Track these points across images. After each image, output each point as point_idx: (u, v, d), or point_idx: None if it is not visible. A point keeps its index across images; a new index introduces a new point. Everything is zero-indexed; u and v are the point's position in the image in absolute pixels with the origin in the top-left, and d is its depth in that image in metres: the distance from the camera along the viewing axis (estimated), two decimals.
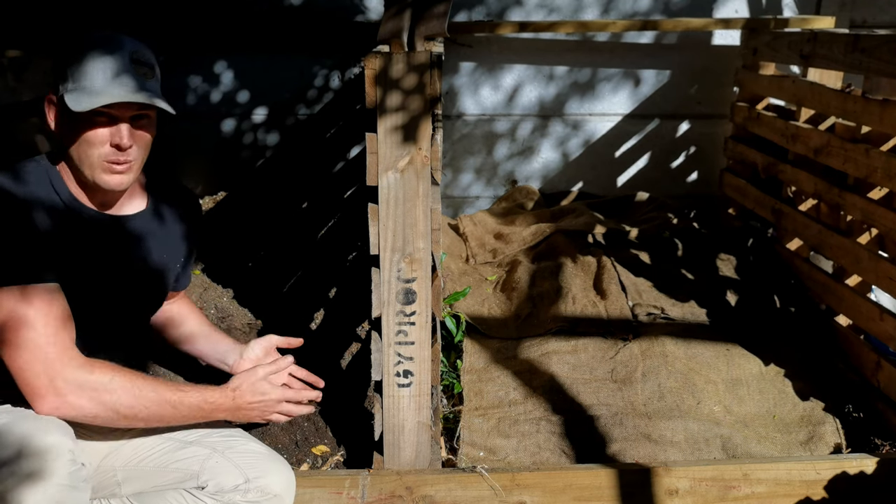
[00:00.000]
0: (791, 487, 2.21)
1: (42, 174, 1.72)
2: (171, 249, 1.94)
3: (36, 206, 1.66)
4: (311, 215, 3.48)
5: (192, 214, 2.02)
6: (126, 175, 1.71)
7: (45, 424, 1.57)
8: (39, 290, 1.59)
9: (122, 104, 1.65)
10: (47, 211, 1.68)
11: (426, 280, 2.03)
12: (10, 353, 1.57)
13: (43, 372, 1.56)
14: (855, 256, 2.61)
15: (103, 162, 1.67)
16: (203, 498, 1.77)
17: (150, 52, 1.74)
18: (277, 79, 3.53)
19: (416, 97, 1.90)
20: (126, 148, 1.67)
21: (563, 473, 2.20)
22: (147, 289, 1.91)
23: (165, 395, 1.68)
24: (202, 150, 3.60)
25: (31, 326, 1.55)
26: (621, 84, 3.65)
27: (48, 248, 1.64)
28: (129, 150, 1.69)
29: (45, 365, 1.56)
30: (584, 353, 2.65)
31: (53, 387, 1.56)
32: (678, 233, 3.30)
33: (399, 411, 2.15)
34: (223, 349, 2.13)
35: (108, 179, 1.69)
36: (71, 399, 1.58)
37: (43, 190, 1.70)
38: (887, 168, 2.40)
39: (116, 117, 1.66)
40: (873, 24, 3.57)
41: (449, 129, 3.65)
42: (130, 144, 1.68)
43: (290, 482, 1.86)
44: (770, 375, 2.61)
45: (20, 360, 1.56)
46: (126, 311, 1.86)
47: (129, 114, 1.68)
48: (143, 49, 1.72)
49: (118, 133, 1.66)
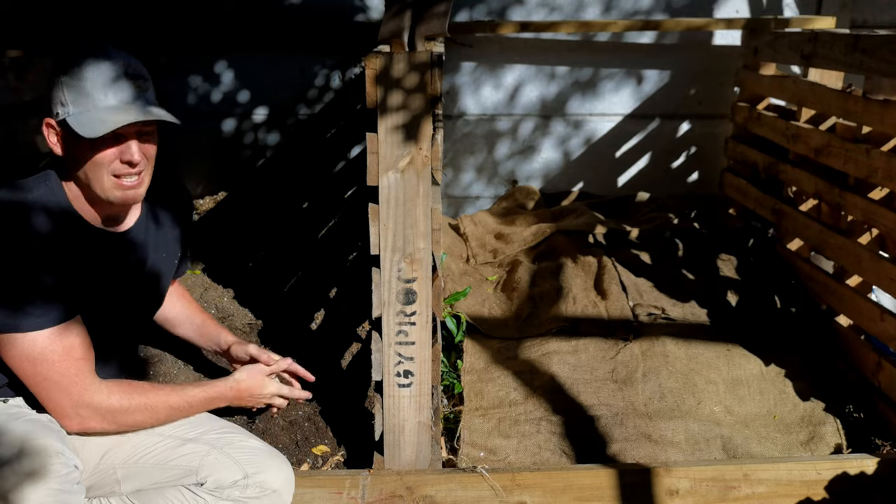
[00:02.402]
0: (791, 488, 2.21)
1: (49, 195, 1.71)
2: (167, 249, 1.97)
3: (45, 237, 1.66)
4: (311, 215, 3.48)
5: (183, 207, 2.05)
6: (138, 189, 1.74)
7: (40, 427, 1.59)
8: (59, 330, 1.66)
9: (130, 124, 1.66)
10: (55, 238, 1.68)
11: (426, 280, 2.03)
12: (38, 390, 1.70)
13: (68, 404, 1.70)
14: (856, 257, 2.61)
15: (114, 179, 1.69)
16: (202, 494, 1.78)
17: (141, 64, 1.74)
18: (278, 79, 3.53)
19: (416, 97, 1.90)
20: (136, 163, 1.70)
21: (563, 474, 2.20)
22: (149, 295, 1.94)
23: (175, 402, 1.84)
24: (202, 150, 3.60)
25: (53, 366, 1.66)
26: (622, 84, 3.64)
27: (60, 283, 1.66)
28: (139, 164, 1.71)
29: (69, 398, 1.70)
30: (585, 354, 2.65)
31: (78, 415, 1.71)
32: (679, 233, 3.30)
33: (399, 411, 2.15)
34: (212, 332, 2.22)
35: (121, 196, 1.72)
36: (92, 424, 1.74)
37: (50, 214, 1.70)
38: (888, 168, 2.39)
39: (123, 136, 1.68)
40: (874, 24, 3.57)
41: (450, 128, 3.65)
42: (140, 160, 1.70)
43: (289, 478, 1.87)
44: (771, 376, 2.61)
45: (45, 394, 1.70)
46: (130, 318, 1.90)
47: (134, 130, 1.69)
48: (134, 62, 1.73)
49: (128, 151, 1.68)
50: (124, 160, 1.68)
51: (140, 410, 1.77)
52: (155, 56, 3.42)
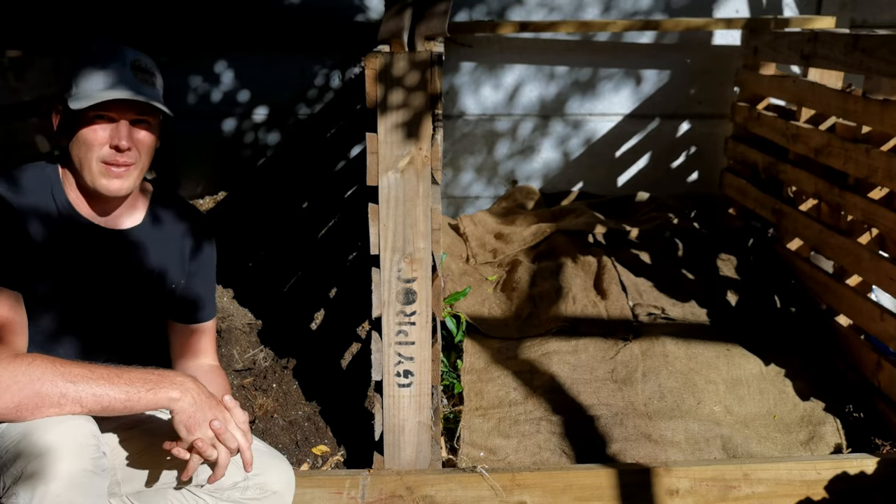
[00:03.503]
0: (791, 487, 2.21)
1: (43, 180, 1.71)
2: (168, 265, 1.89)
3: (27, 214, 1.65)
4: (311, 215, 3.48)
5: (198, 233, 1.94)
6: (125, 180, 1.70)
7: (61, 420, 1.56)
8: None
9: (122, 108, 1.66)
10: (39, 218, 1.67)
11: (426, 280, 2.03)
12: None
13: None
14: (855, 256, 2.61)
15: (102, 165, 1.67)
16: (202, 495, 1.77)
17: (151, 61, 1.75)
18: (278, 78, 3.53)
19: (416, 97, 1.90)
20: (125, 149, 1.67)
21: (563, 473, 2.20)
22: (137, 299, 1.86)
23: (98, 371, 1.56)
24: (202, 150, 3.60)
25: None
26: (622, 84, 3.65)
27: (24, 256, 1.63)
28: (129, 152, 1.68)
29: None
30: (585, 353, 2.65)
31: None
32: (678, 233, 3.30)
33: (399, 411, 2.15)
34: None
35: (107, 184, 1.68)
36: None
37: (40, 197, 1.69)
38: (888, 168, 2.40)
39: (116, 120, 1.67)
40: (874, 24, 3.57)
41: (449, 128, 3.65)
42: (129, 146, 1.68)
43: (290, 479, 1.86)
44: (770, 375, 2.61)
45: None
46: (118, 319, 1.83)
47: (128, 117, 1.68)
48: (144, 57, 1.73)
49: (117, 133, 1.66)
50: (113, 144, 1.66)
51: (43, 379, 1.50)
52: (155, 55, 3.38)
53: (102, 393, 1.52)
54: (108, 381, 1.54)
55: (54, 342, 1.76)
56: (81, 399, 1.51)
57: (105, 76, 1.66)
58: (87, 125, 1.66)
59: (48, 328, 1.74)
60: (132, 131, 1.69)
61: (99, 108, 1.64)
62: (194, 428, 1.58)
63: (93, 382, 1.53)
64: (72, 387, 1.51)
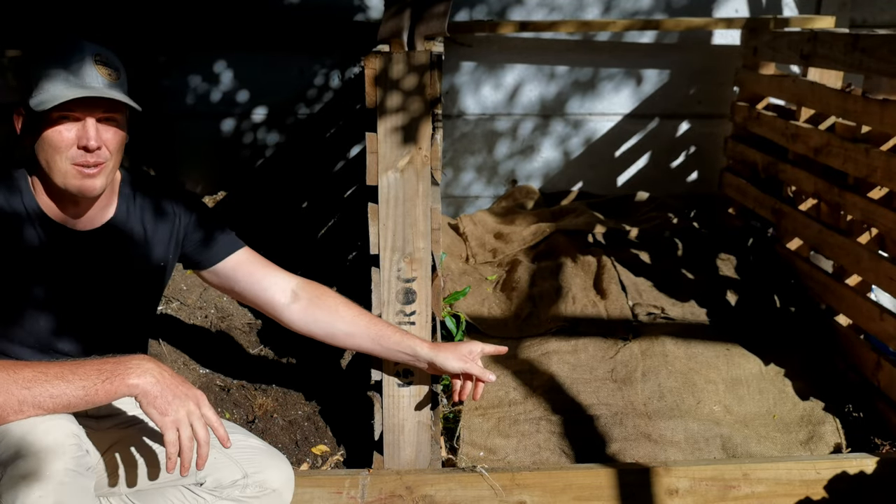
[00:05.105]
0: (791, 487, 2.21)
1: (13, 185, 1.68)
2: (154, 249, 1.86)
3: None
4: (311, 215, 3.48)
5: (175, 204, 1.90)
6: (97, 179, 1.65)
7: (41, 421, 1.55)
8: None
9: (87, 106, 1.61)
10: (11, 230, 1.64)
11: (426, 280, 2.03)
12: None
13: None
14: (855, 256, 2.61)
15: (72, 167, 1.62)
16: (202, 494, 1.77)
17: (113, 54, 1.69)
18: (277, 78, 3.53)
19: (416, 97, 1.90)
20: (94, 149, 1.62)
21: (563, 473, 2.20)
22: (125, 293, 1.84)
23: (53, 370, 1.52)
24: (202, 150, 3.60)
25: None
26: (622, 83, 3.65)
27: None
28: (98, 151, 1.63)
29: None
30: (584, 353, 2.65)
31: None
32: (678, 232, 3.30)
33: (399, 411, 2.15)
34: (395, 339, 1.97)
35: (79, 185, 1.64)
36: None
37: (9, 207, 1.66)
38: (887, 168, 2.40)
39: (81, 119, 1.62)
40: (873, 23, 3.57)
41: (449, 128, 3.65)
42: (98, 146, 1.62)
43: (289, 477, 1.86)
44: (770, 375, 2.61)
45: None
46: (109, 317, 1.81)
47: (95, 115, 1.63)
48: (107, 52, 1.67)
49: (84, 133, 1.61)
50: (81, 144, 1.61)
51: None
52: (154, 55, 3.42)
53: (59, 392, 1.48)
54: (63, 380, 1.49)
55: (49, 348, 1.74)
56: (40, 402, 1.48)
57: (66, 74, 1.60)
58: (52, 126, 1.60)
59: (39, 335, 1.73)
60: (100, 129, 1.63)
61: (62, 108, 1.59)
62: (167, 408, 1.52)
63: (47, 384, 1.49)
64: (27, 392, 1.47)
